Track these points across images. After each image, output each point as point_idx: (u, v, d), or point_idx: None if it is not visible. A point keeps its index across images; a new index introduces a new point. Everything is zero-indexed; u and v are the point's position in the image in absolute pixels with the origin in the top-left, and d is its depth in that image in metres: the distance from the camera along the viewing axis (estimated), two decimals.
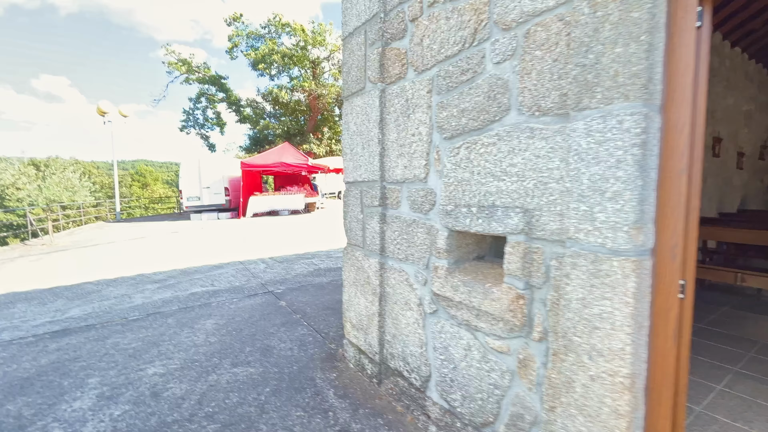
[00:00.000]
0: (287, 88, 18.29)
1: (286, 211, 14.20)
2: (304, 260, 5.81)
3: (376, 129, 2.15)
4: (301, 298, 3.96)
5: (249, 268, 5.39)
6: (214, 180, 13.77)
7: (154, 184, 51.94)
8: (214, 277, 4.88)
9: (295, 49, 17.56)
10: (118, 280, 4.91)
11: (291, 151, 14.02)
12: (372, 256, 2.25)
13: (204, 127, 21.48)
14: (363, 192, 2.32)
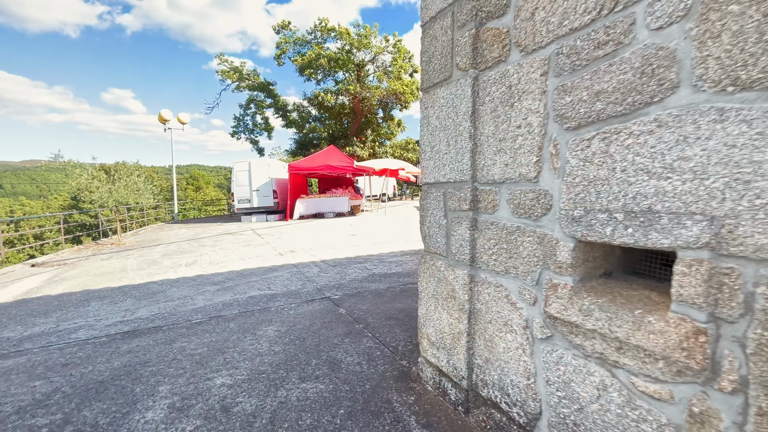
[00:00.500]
0: (332, 92, 18.53)
1: (331, 213, 14.31)
2: (356, 264, 5.66)
3: (466, 122, 1.89)
4: (361, 305, 3.78)
5: (303, 271, 5.32)
6: (263, 183, 14.19)
7: (206, 187, 55.26)
8: (270, 281, 4.85)
9: (340, 53, 17.77)
10: (179, 281, 5.03)
11: (336, 154, 14.12)
12: (459, 266, 1.99)
13: (253, 132, 22.39)
14: (447, 194, 2.06)
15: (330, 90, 18.65)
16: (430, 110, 2.19)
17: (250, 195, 14.14)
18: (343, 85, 17.65)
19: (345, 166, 13.50)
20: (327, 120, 19.90)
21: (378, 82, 17.79)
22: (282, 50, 19.00)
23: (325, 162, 13.50)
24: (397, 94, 17.15)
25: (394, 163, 14.20)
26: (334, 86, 18.92)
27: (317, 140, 19.82)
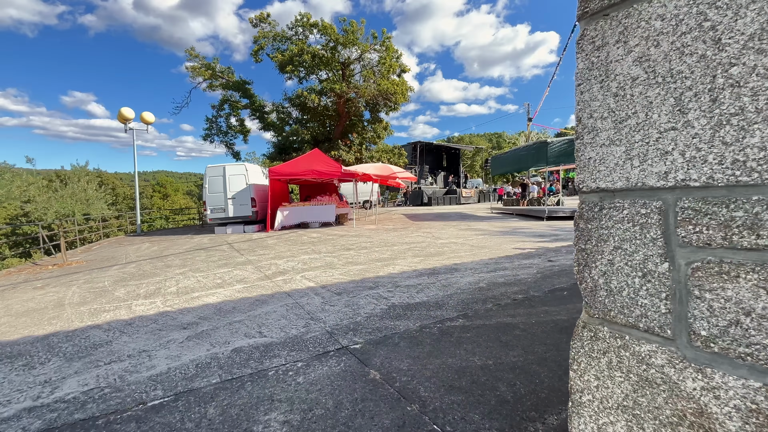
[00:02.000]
0: (317, 91, 17.33)
1: (316, 223, 13.06)
2: (367, 291, 4.52)
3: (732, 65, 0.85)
4: (398, 362, 2.66)
5: (301, 303, 4.13)
6: (240, 190, 12.77)
7: (174, 194, 52.23)
8: (260, 320, 3.64)
9: (324, 50, 16.62)
10: (134, 324, 3.72)
11: (322, 158, 12.94)
12: (718, 365, 0.94)
13: (227, 135, 20.75)
14: (680, 214, 1.01)
15: (314, 89, 17.42)
16: (615, 49, 1.14)
17: (224, 203, 12.68)
18: (327, 84, 16.46)
19: (332, 171, 12.33)
20: (309, 122, 18.62)
21: (365, 81, 16.75)
22: (260, 46, 17.60)
23: (310, 167, 12.28)
24: (387, 95, 16.15)
25: (387, 169, 13.19)
26: (318, 85, 17.70)
27: (298, 144, 18.49)
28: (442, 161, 38.04)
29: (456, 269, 5.60)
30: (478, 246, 7.73)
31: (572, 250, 5.91)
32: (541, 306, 3.79)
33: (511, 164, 16.80)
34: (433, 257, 6.61)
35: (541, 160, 13.05)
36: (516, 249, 7.22)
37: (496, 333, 3.12)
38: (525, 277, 4.99)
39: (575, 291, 4.26)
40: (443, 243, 8.32)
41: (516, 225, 11.98)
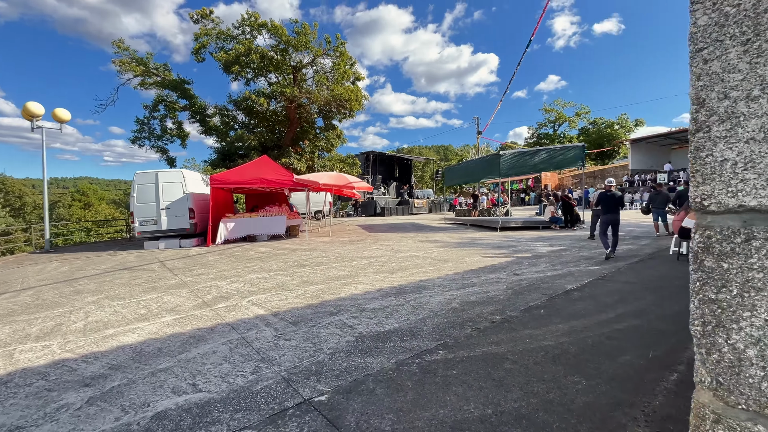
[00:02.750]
0: (266, 94, 16.25)
1: (264, 236, 12.05)
2: (327, 318, 3.91)
3: None
4: (378, 420, 2.11)
5: (249, 338, 3.41)
6: (176, 199, 11.38)
7: (98, 204, 46.88)
8: (195, 365, 2.88)
9: (275, 51, 15.64)
10: (12, 382, 2.76)
11: (271, 166, 12.02)
12: None
13: (162, 139, 18.76)
14: None
15: (263, 92, 16.31)
16: None
17: (157, 214, 11.21)
18: (277, 87, 15.48)
19: (283, 180, 11.46)
20: (257, 127, 17.39)
21: (318, 87, 16.02)
22: (202, 44, 16.13)
23: (258, 175, 11.30)
24: (341, 101, 15.56)
25: (342, 178, 12.58)
26: (268, 88, 16.62)
27: (245, 150, 17.17)
28: (394, 171, 38.19)
29: (423, 287, 5.17)
30: (441, 259, 7.42)
31: (534, 261, 5.77)
32: (523, 329, 3.46)
33: (464, 175, 17.08)
34: (396, 273, 6.15)
35: (493, 172, 13.31)
36: (479, 262, 7.01)
37: (485, 368, 2.69)
38: (496, 294, 4.70)
39: (551, 309, 4.03)
40: (404, 256, 7.91)
41: (472, 236, 11.99)
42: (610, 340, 3.12)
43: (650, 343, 3.02)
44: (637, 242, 9.29)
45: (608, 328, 3.42)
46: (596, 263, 6.61)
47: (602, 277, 5.50)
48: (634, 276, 5.54)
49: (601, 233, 7.57)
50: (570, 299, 4.40)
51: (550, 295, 4.61)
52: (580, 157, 13.30)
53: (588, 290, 4.79)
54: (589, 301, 4.31)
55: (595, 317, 3.73)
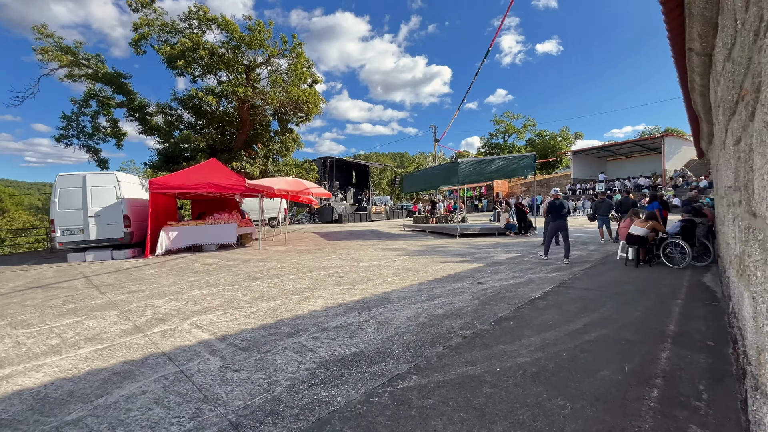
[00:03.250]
0: (215, 93, 15.12)
1: (212, 245, 11.13)
2: (284, 341, 3.47)
3: None
4: None
5: (189, 371, 2.88)
6: (108, 205, 10.14)
7: (15, 210, 41.50)
8: (116, 414, 2.33)
9: (226, 47, 14.59)
10: None
11: (220, 170, 11.17)
12: None
13: (93, 138, 16.82)
14: None
15: (212, 90, 15.15)
16: None
17: (84, 222, 9.88)
18: (228, 86, 14.43)
19: (233, 185, 10.67)
20: (205, 128, 16.12)
21: (273, 87, 15.15)
22: (142, 35, 14.63)
23: (205, 179, 10.41)
24: (298, 103, 14.88)
25: (299, 184, 11.97)
26: (218, 86, 15.47)
27: (191, 152, 15.82)
28: (352, 178, 37.83)
29: (388, 300, 4.88)
30: (404, 269, 7.20)
31: (495, 269, 5.69)
32: (496, 344, 3.29)
33: (422, 182, 17.17)
34: (358, 285, 5.81)
35: (452, 179, 13.45)
36: (442, 270, 6.88)
37: (463, 394, 2.45)
38: (464, 306, 4.53)
39: (520, 320, 3.92)
40: (366, 266, 7.58)
41: (432, 243, 11.96)
42: (584, 353, 3.03)
43: (622, 355, 2.97)
44: (586, 248, 9.75)
45: (579, 339, 3.35)
46: (554, 269, 6.75)
47: (562, 284, 5.57)
48: (590, 282, 5.68)
49: (549, 238, 8.22)
50: (536, 309, 4.34)
51: (516, 304, 4.53)
52: (531, 166, 13.88)
53: (552, 298, 4.78)
54: (554, 310, 4.27)
55: (564, 328, 3.67)
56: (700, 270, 6.42)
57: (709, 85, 4.18)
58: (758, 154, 1.48)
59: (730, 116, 2.56)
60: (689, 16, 3.01)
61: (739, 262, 2.29)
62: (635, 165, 33.17)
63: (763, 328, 1.47)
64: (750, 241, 1.83)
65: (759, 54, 1.42)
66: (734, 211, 2.66)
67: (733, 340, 3.01)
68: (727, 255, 3.77)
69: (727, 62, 2.54)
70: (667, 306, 4.32)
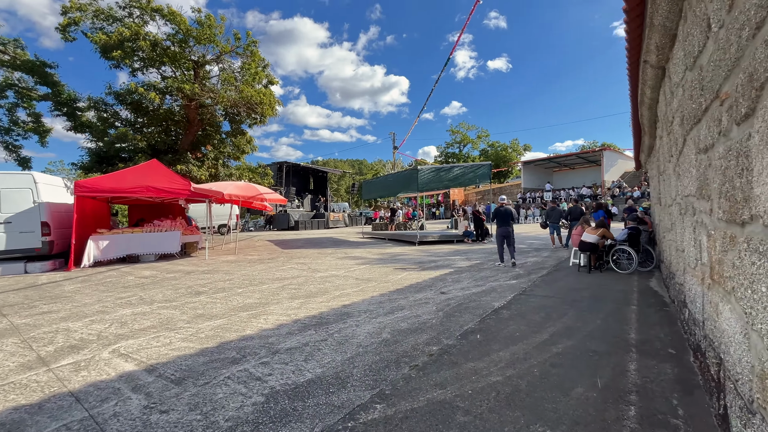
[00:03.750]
0: (159, 89, 13.84)
1: (151, 255, 10.08)
2: (227, 369, 3.00)
3: None
4: None
5: (101, 417, 2.33)
6: (22, 210, 8.79)
7: None
8: None
9: (171, 40, 13.40)
10: None
11: (162, 172, 10.18)
12: None
13: (10, 134, 14.71)
14: None
15: (154, 86, 13.85)
16: None
17: None
18: (174, 82, 13.25)
19: (177, 189, 9.73)
20: (146, 127, 14.70)
21: (224, 86, 14.14)
22: (73, 20, 13.04)
23: (144, 182, 9.40)
24: (252, 104, 14.02)
25: (252, 189, 11.20)
26: (161, 82, 14.16)
27: (129, 153, 14.29)
28: (309, 184, 36.90)
29: (348, 314, 4.53)
30: (364, 278, 6.87)
31: (457, 277, 5.55)
32: (465, 361, 3.07)
33: (382, 189, 17.01)
34: (315, 298, 5.39)
35: (411, 187, 13.41)
36: (404, 280, 6.65)
37: (435, 425, 2.17)
38: (428, 318, 4.30)
39: (486, 333, 3.76)
40: (323, 277, 7.15)
41: (392, 251, 11.76)
42: (555, 368, 2.89)
43: (592, 368, 2.87)
44: (540, 254, 10.06)
45: (548, 352, 3.22)
46: (512, 277, 6.78)
47: (523, 292, 5.55)
48: (549, 290, 5.72)
49: (499, 245, 8.35)
50: (501, 319, 4.22)
51: (481, 315, 4.39)
52: (487, 175, 14.25)
53: (515, 308, 4.71)
54: (519, 320, 4.17)
55: (531, 339, 3.54)
56: (645, 275, 6.76)
57: (659, 98, 4.36)
58: (758, 158, 1.35)
59: (693, 125, 2.56)
60: (649, 27, 3.04)
61: (710, 272, 2.25)
62: (578, 176, 35.63)
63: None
64: (733, 251, 1.74)
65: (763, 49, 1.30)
66: (698, 219, 2.66)
67: (693, 348, 3.03)
68: (679, 262, 3.88)
69: (690, 71, 2.54)
70: (623, 312, 4.39)
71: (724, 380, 1.97)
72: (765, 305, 1.32)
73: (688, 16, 2.46)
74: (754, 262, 1.41)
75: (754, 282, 1.43)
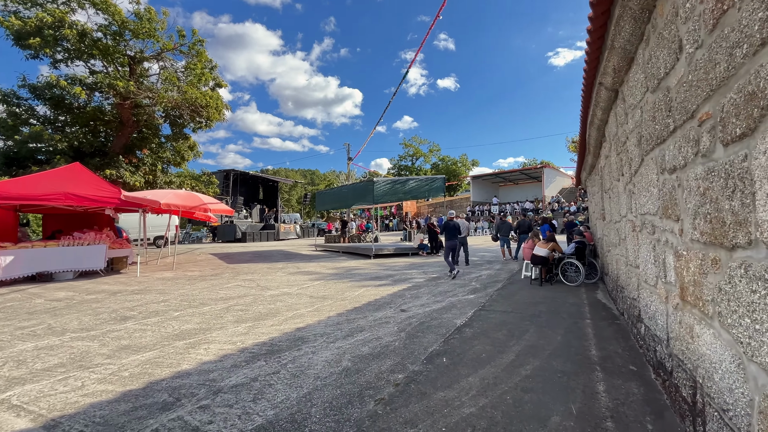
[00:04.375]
0: (86, 84, 12.25)
1: (69, 273, 8.77)
2: (156, 418, 2.48)
3: None
4: None
5: None
6: None
7: None
8: None
9: (104, 32, 11.93)
10: None
11: (85, 177, 8.98)
12: None
13: None
14: None
15: (81, 80, 12.22)
16: None
17: None
18: (105, 78, 11.76)
19: (104, 197, 8.60)
20: (69, 126, 12.91)
21: (164, 85, 12.84)
22: None
23: (62, 188, 8.18)
24: (196, 106, 12.89)
25: (194, 198, 10.22)
26: (89, 76, 12.53)
27: (46, 154, 12.42)
28: (259, 193, 35.31)
29: (303, 338, 4.12)
30: (319, 296, 6.44)
31: (416, 293, 5.37)
32: (434, 391, 2.83)
33: (336, 201, 16.62)
34: (265, 320, 4.88)
35: (367, 198, 13.20)
36: (362, 296, 6.33)
37: None
38: (390, 340, 4.04)
39: (453, 355, 3.57)
40: (274, 295, 6.60)
41: (347, 265, 11.37)
42: (528, 394, 2.76)
43: (564, 392, 2.78)
44: (492, 267, 10.28)
45: (517, 375, 3.10)
46: (470, 291, 6.76)
47: (482, 308, 5.51)
48: (507, 304, 5.74)
49: (446, 256, 8.71)
50: (465, 339, 4.07)
51: (444, 335, 4.22)
52: (441, 188, 14.50)
53: (477, 325, 4.60)
54: (483, 339, 4.05)
55: (498, 361, 3.41)
56: (591, 287, 7.09)
57: (609, 119, 4.58)
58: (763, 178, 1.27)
59: (656, 145, 2.61)
60: (609, 49, 3.12)
61: (680, 292, 2.23)
62: (521, 191, 37.91)
63: None
64: (718, 275, 1.69)
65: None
66: (659, 238, 2.69)
67: (653, 365, 3.07)
68: (631, 277, 4.01)
69: (652, 93, 2.59)
70: (580, 327, 4.46)
71: (703, 406, 1.92)
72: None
73: (651, 38, 2.52)
74: (756, 290, 1.33)
75: (755, 311, 1.35)
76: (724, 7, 1.49)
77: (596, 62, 3.60)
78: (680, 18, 1.99)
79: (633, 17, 2.55)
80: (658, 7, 2.35)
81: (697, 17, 1.77)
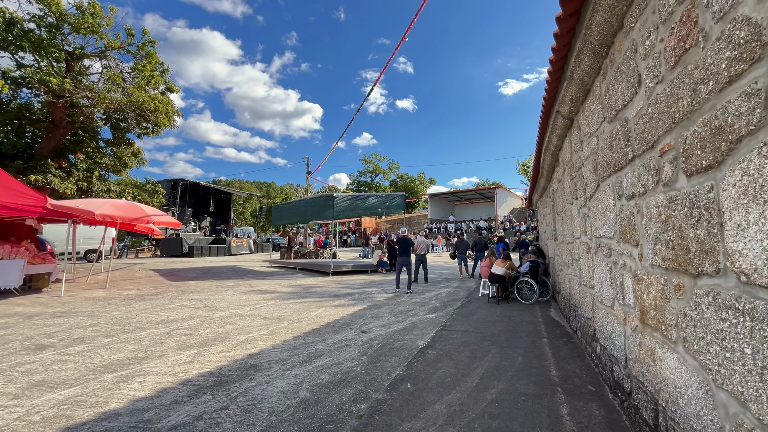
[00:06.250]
0: (11, 78, 10.82)
1: None
2: None
3: None
4: None
5: None
6: None
7: None
8: None
9: (38, 23, 10.69)
10: None
11: (3, 182, 7.87)
12: None
13: None
14: None
15: (6, 73, 10.76)
16: None
17: None
18: (35, 73, 10.46)
19: (25, 205, 7.57)
20: None
21: (107, 84, 11.67)
22: None
23: None
24: (143, 110, 11.84)
25: (135, 209, 9.26)
26: (16, 70, 11.10)
27: None
28: (210, 205, 33.46)
29: (255, 366, 3.77)
30: (274, 318, 6.05)
31: (376, 313, 5.24)
32: (400, 422, 2.67)
33: (294, 215, 16.11)
34: (213, 346, 4.44)
35: (326, 214, 12.92)
36: (320, 317, 6.04)
37: None
38: (352, 366, 3.82)
39: (417, 381, 3.44)
40: (224, 317, 6.09)
41: (305, 282, 10.93)
42: (496, 421, 2.68)
43: (530, 417, 2.74)
44: (450, 284, 10.40)
45: (483, 400, 3.03)
46: (431, 310, 6.72)
47: (443, 327, 5.46)
48: (467, 324, 5.74)
49: (398, 272, 8.99)
50: (429, 362, 3.97)
51: (407, 358, 4.08)
52: (402, 206, 14.60)
53: (440, 346, 4.53)
54: (447, 361, 3.97)
55: (463, 385, 3.33)
56: (544, 305, 7.36)
57: (563, 146, 4.84)
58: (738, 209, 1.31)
59: (613, 172, 2.73)
60: (568, 80, 3.29)
61: (640, 315, 2.30)
62: (476, 210, 39.45)
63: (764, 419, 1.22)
64: (682, 301, 1.73)
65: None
66: (616, 261, 2.79)
67: (610, 385, 3.14)
68: (585, 296, 4.16)
69: (610, 123, 2.73)
70: (538, 346, 4.54)
71: (667, 429, 1.94)
72: (748, 368, 1.23)
73: (608, 72, 2.67)
74: (726, 318, 1.35)
75: (724, 339, 1.37)
76: (686, 45, 1.57)
77: (555, 91, 3.79)
78: (639, 54, 2.10)
79: (593, 51, 2.70)
80: (616, 44, 2.49)
81: (657, 54, 1.87)
